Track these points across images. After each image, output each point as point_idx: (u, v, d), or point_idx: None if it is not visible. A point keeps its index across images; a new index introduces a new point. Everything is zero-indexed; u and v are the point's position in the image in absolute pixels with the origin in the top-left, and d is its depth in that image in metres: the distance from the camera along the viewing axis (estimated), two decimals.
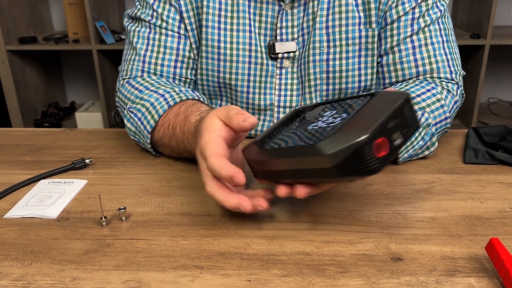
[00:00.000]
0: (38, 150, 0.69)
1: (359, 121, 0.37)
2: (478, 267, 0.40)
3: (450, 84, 0.68)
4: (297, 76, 0.73)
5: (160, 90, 0.65)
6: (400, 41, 0.69)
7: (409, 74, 0.69)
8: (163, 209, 0.51)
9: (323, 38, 0.70)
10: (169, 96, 0.64)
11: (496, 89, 2.26)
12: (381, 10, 0.69)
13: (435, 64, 0.68)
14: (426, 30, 0.68)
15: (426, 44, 0.68)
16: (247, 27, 0.70)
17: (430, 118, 0.63)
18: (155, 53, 0.71)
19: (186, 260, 0.42)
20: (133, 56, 0.72)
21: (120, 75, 0.74)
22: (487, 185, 0.56)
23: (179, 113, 0.60)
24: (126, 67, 0.73)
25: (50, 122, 2.08)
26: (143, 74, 0.71)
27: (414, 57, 0.68)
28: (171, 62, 0.71)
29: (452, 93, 0.67)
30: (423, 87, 0.66)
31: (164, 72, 0.71)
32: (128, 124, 0.66)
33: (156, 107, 0.63)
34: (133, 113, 0.65)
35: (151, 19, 0.71)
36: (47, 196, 0.54)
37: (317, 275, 0.39)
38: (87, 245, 0.44)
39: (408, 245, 0.44)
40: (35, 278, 0.40)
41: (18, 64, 2.01)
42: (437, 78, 0.68)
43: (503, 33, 1.91)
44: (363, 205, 0.51)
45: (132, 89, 0.69)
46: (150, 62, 0.71)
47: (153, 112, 0.63)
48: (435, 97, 0.64)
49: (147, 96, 0.65)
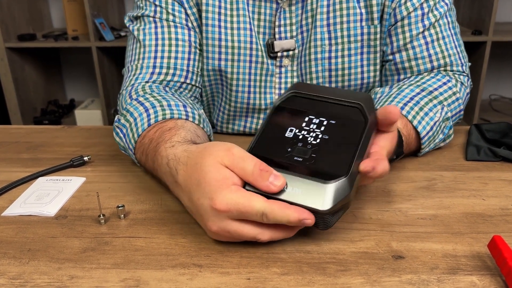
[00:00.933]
0: (36, 148, 0.69)
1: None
2: (481, 265, 0.40)
3: (462, 77, 0.70)
4: (297, 75, 0.72)
5: (147, 102, 0.60)
6: (412, 37, 0.69)
7: (424, 69, 0.70)
8: (162, 206, 0.51)
9: (325, 35, 0.69)
10: (153, 112, 0.57)
11: (497, 86, 2.25)
12: (387, 6, 0.68)
13: (448, 58, 0.69)
14: (437, 25, 0.69)
15: (438, 39, 0.69)
16: (247, 25, 0.69)
17: (449, 111, 0.64)
18: (167, 47, 0.68)
19: (185, 258, 0.41)
20: (141, 54, 0.68)
21: (127, 76, 0.68)
22: (489, 182, 0.55)
23: (152, 139, 0.53)
24: (134, 67, 0.68)
25: (49, 120, 2.08)
26: (155, 70, 0.67)
27: (428, 53, 0.69)
28: (185, 54, 0.68)
29: (464, 85, 0.69)
30: (439, 80, 0.67)
31: (178, 65, 0.68)
32: (117, 139, 0.61)
33: (138, 124, 0.57)
34: (119, 128, 0.61)
35: (155, 14, 0.69)
36: (45, 194, 0.54)
37: (317, 273, 0.39)
38: (85, 243, 0.44)
39: (409, 243, 0.43)
40: (33, 276, 0.39)
41: (17, 61, 2.00)
42: (450, 71, 0.70)
43: (505, 30, 1.90)
44: (364, 203, 0.51)
45: (128, 98, 0.64)
46: (163, 56, 0.67)
47: (134, 130, 0.58)
48: (451, 90, 0.66)
49: (133, 109, 0.60)
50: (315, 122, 0.44)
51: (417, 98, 0.62)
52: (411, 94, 0.63)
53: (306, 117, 0.45)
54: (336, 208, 0.40)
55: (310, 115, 0.45)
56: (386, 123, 0.45)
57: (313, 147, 0.42)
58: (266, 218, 0.38)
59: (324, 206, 0.39)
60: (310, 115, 0.45)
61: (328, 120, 0.44)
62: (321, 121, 0.44)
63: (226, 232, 0.40)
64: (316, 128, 0.44)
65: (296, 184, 0.40)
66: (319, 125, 0.44)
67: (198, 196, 0.41)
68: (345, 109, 0.45)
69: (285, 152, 0.43)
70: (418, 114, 0.60)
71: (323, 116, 0.45)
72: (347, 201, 0.41)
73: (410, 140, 0.59)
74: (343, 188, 0.40)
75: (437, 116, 0.62)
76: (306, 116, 0.45)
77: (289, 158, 0.42)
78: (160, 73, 0.67)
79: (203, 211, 0.41)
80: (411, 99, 0.62)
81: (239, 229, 0.40)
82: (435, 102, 0.63)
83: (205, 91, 0.74)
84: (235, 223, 0.40)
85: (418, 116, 0.60)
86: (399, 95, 0.63)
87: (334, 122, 0.44)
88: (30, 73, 2.10)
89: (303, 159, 0.42)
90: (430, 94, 0.64)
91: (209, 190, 0.39)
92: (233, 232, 0.40)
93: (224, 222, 0.40)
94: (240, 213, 0.39)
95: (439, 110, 0.63)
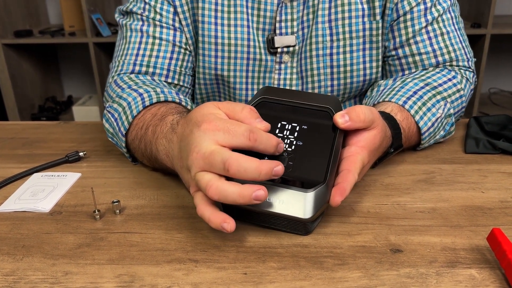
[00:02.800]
0: (32, 144, 0.68)
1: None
2: (480, 258, 0.39)
3: (468, 72, 0.69)
4: (296, 71, 0.71)
5: (141, 89, 0.61)
6: (415, 32, 0.68)
7: (429, 64, 0.69)
8: (158, 202, 0.50)
9: (326, 31, 0.68)
10: (147, 96, 0.58)
11: (497, 79, 2.24)
12: (389, 1, 0.67)
13: (453, 53, 0.68)
14: (440, 20, 0.68)
15: (442, 34, 0.68)
16: (245, 22, 0.68)
17: (452, 108, 0.64)
18: (150, 45, 0.68)
19: (181, 253, 0.41)
20: (125, 50, 0.69)
21: (110, 72, 0.70)
22: (489, 175, 0.55)
23: (157, 113, 0.54)
24: (117, 62, 0.69)
25: (47, 117, 2.07)
26: (135, 68, 0.67)
27: (432, 48, 0.68)
28: (167, 54, 0.68)
29: (469, 82, 0.69)
30: (444, 75, 0.66)
31: (158, 64, 0.67)
32: (106, 125, 0.61)
33: (132, 106, 0.58)
34: (110, 113, 0.61)
35: (143, 12, 0.68)
36: (40, 189, 0.53)
37: (314, 268, 0.39)
38: (80, 239, 0.44)
39: (407, 236, 0.43)
40: (27, 273, 0.39)
41: (14, 58, 1.99)
42: (456, 67, 0.69)
43: (504, 22, 1.89)
44: (361, 196, 0.50)
45: (116, 87, 0.65)
46: (144, 54, 0.68)
47: (128, 112, 0.58)
48: (456, 87, 0.65)
49: (126, 95, 0.61)
50: (287, 128, 0.44)
51: (421, 92, 0.62)
52: (414, 88, 0.62)
53: (278, 123, 0.45)
54: (317, 215, 0.41)
55: (283, 121, 0.45)
56: (357, 125, 0.44)
57: (289, 155, 0.43)
58: (252, 135, 0.39)
59: (306, 215, 0.40)
60: (283, 121, 0.45)
61: (301, 126, 0.44)
62: (293, 127, 0.44)
63: (209, 153, 0.38)
64: (289, 135, 0.44)
65: (276, 194, 0.41)
66: (292, 131, 0.44)
67: (191, 128, 0.41)
68: (315, 113, 0.45)
69: None
70: (421, 109, 0.60)
71: (295, 122, 0.45)
72: (326, 206, 0.42)
73: (410, 134, 0.58)
74: (323, 194, 0.41)
75: (440, 112, 0.61)
76: (278, 122, 0.45)
77: None
78: (140, 71, 0.67)
79: (191, 138, 0.40)
80: (415, 93, 0.61)
81: (221, 151, 0.38)
82: (438, 97, 0.62)
83: (200, 89, 0.74)
84: (218, 147, 0.39)
85: (420, 111, 0.60)
86: (403, 88, 0.62)
87: (306, 128, 0.44)
88: (27, 70, 2.09)
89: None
90: (434, 89, 0.63)
91: (201, 119, 0.40)
92: (216, 154, 0.38)
93: (208, 143, 0.39)
94: (227, 131, 0.39)
95: (442, 106, 0.62)
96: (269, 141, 0.40)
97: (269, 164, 0.38)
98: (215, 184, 0.38)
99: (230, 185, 0.38)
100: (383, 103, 0.60)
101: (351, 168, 0.43)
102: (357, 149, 0.45)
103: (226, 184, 0.38)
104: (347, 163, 0.43)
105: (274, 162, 0.38)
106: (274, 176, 0.38)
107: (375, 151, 0.47)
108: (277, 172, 0.38)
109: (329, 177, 0.41)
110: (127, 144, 0.59)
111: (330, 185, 0.42)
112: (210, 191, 0.38)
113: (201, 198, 0.41)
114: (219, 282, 0.37)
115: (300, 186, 0.41)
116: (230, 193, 0.37)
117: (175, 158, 0.46)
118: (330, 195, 0.41)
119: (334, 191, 0.41)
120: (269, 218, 0.42)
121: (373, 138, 0.46)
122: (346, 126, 0.44)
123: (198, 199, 0.41)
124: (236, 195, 0.37)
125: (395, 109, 0.58)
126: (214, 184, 0.38)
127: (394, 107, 0.59)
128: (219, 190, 0.38)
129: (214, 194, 0.38)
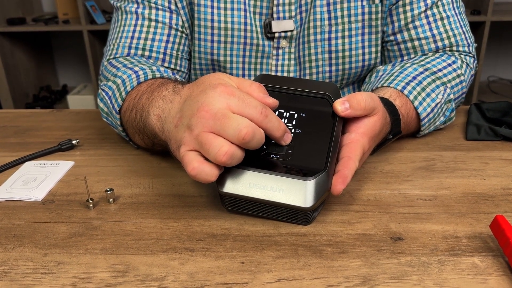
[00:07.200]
0: (24, 132, 0.67)
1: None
2: (482, 246, 0.39)
3: (468, 57, 0.68)
4: (294, 57, 0.70)
5: (136, 67, 0.59)
6: (414, 17, 0.66)
7: (428, 49, 0.67)
8: (153, 190, 0.49)
9: (324, 15, 0.66)
10: (142, 73, 0.57)
11: (496, 68, 2.23)
12: None
13: (453, 38, 0.67)
14: (440, 4, 0.66)
15: (442, 18, 0.66)
16: (241, 6, 0.66)
17: (452, 93, 0.63)
18: (146, 28, 0.66)
19: (176, 242, 0.40)
20: (120, 33, 0.67)
21: (105, 56, 0.68)
22: (490, 162, 0.54)
23: (154, 83, 0.52)
24: (112, 45, 0.67)
25: (42, 106, 2.04)
26: (130, 52, 0.65)
27: (431, 33, 0.66)
28: (163, 37, 0.66)
29: (470, 67, 0.67)
30: (444, 60, 0.64)
31: (154, 47, 0.66)
32: (101, 104, 0.59)
33: (126, 83, 0.56)
34: (104, 91, 0.59)
35: None
36: (32, 178, 0.52)
37: (313, 256, 0.38)
38: (72, 229, 0.42)
39: (408, 224, 0.42)
40: (18, 263, 0.38)
41: (7, 46, 1.96)
42: (456, 52, 0.67)
43: (504, 10, 1.87)
44: (361, 184, 0.49)
45: (111, 67, 0.63)
46: (140, 37, 0.66)
47: (122, 89, 0.56)
48: (456, 72, 0.64)
49: (121, 73, 0.59)
50: (286, 116, 0.44)
51: (420, 77, 0.60)
52: (414, 73, 0.61)
53: (276, 112, 0.44)
54: (318, 203, 0.40)
55: (280, 109, 0.44)
56: (358, 112, 0.43)
57: (288, 143, 0.42)
58: (264, 110, 0.38)
59: (307, 203, 0.39)
60: (280, 109, 0.44)
61: (299, 114, 0.43)
62: (291, 115, 0.44)
63: (222, 115, 0.36)
64: (287, 123, 0.43)
65: (276, 183, 0.40)
66: (290, 119, 0.43)
67: (203, 88, 0.39)
68: (314, 100, 0.44)
69: (261, 150, 0.42)
70: (420, 94, 0.59)
71: (293, 110, 0.44)
72: (327, 195, 0.41)
73: (409, 120, 0.57)
74: (323, 182, 0.40)
75: (439, 97, 0.60)
76: (276, 110, 0.43)
77: (266, 156, 0.41)
78: (135, 54, 0.65)
79: (203, 96, 0.38)
80: (414, 79, 0.60)
81: (238, 117, 0.37)
82: (438, 83, 0.61)
83: (196, 75, 0.72)
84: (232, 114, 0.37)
85: (419, 96, 0.58)
86: (402, 73, 0.61)
87: (304, 115, 0.43)
88: (21, 59, 2.06)
89: (279, 156, 0.41)
90: (433, 74, 0.62)
91: (216, 82, 0.39)
92: (232, 119, 0.36)
93: (222, 105, 0.37)
94: (242, 99, 0.38)
95: (442, 92, 0.61)
96: (279, 124, 0.40)
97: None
98: (231, 149, 0.36)
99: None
100: (382, 89, 0.59)
101: (351, 155, 0.41)
102: (357, 136, 0.43)
103: (240, 150, 0.37)
104: (347, 150, 0.42)
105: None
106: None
107: (375, 137, 0.46)
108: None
109: (330, 164, 0.40)
110: (122, 123, 0.57)
111: (331, 173, 0.41)
112: (225, 156, 0.36)
113: (194, 155, 0.38)
114: (215, 272, 0.36)
115: (301, 175, 0.40)
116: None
117: (169, 117, 0.42)
118: (331, 183, 0.40)
119: (336, 179, 0.40)
120: (269, 208, 0.41)
121: (374, 124, 0.45)
122: (346, 114, 0.42)
123: (190, 156, 0.38)
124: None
125: (394, 94, 0.57)
126: (231, 149, 0.36)
127: (392, 92, 0.57)
128: (235, 154, 0.37)
129: (228, 158, 0.36)
